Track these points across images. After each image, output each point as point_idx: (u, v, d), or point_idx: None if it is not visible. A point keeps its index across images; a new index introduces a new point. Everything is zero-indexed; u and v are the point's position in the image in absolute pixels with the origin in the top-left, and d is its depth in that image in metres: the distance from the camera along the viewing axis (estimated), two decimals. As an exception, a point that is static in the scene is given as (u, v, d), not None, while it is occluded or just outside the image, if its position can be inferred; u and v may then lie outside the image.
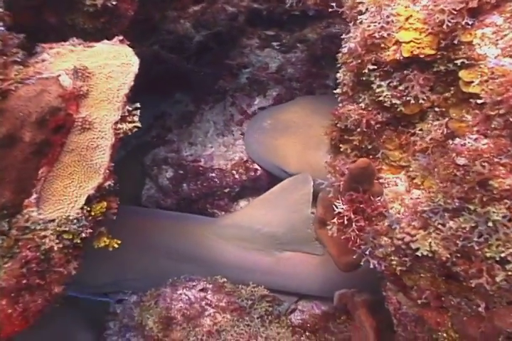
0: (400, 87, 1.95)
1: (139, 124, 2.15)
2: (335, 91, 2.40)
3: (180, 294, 2.73)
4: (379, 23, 1.95)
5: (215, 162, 3.57)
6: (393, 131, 2.09)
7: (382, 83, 1.97)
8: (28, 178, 1.93)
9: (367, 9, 2.05)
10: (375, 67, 1.96)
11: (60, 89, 1.99)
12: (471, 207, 1.70)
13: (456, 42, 1.80)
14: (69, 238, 1.94)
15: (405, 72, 1.93)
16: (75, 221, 1.94)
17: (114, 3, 2.51)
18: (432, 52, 1.86)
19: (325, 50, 3.83)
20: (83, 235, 1.97)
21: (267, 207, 3.12)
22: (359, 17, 2.02)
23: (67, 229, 1.92)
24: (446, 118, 1.95)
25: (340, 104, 2.30)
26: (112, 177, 2.05)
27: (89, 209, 1.98)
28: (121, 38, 2.27)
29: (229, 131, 3.73)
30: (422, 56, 1.86)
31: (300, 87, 3.80)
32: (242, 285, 3.08)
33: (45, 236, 1.91)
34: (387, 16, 1.94)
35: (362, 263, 2.16)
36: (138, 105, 2.17)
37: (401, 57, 1.90)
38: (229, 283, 2.89)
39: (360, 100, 2.11)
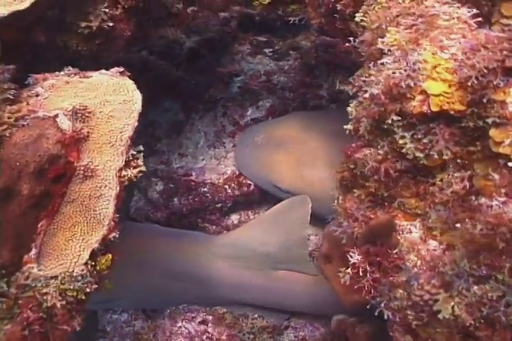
0: (424, 140, 1.80)
1: (143, 168, 1.97)
2: (345, 127, 2.23)
3: (180, 327, 2.60)
4: (405, 71, 1.79)
5: (206, 176, 3.40)
6: (411, 178, 1.96)
7: (406, 134, 1.83)
8: (27, 233, 1.74)
9: (389, 50, 1.89)
10: (400, 118, 1.82)
11: (58, 133, 1.79)
12: (499, 277, 1.60)
13: (487, 99, 1.67)
14: (73, 295, 1.78)
15: (431, 125, 1.78)
16: (80, 278, 1.77)
17: (110, 24, 2.29)
18: (462, 108, 1.71)
19: (319, 58, 3.66)
20: (87, 290, 1.81)
21: (263, 227, 3.00)
22: (383, 60, 1.86)
23: (71, 286, 1.75)
24: (469, 172, 1.82)
25: (353, 144, 2.14)
26: (117, 229, 1.87)
27: (93, 263, 1.80)
28: (121, 69, 2.06)
29: (220, 142, 3.55)
30: (451, 112, 1.73)
31: (293, 98, 3.63)
32: (238, 303, 3.02)
33: (46, 294, 1.74)
34: (414, 63, 1.79)
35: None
36: (141, 148, 1.99)
37: (429, 111, 1.75)
38: (228, 313, 2.77)
39: (379, 147, 1.96)
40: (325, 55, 3.63)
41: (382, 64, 1.91)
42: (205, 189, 3.34)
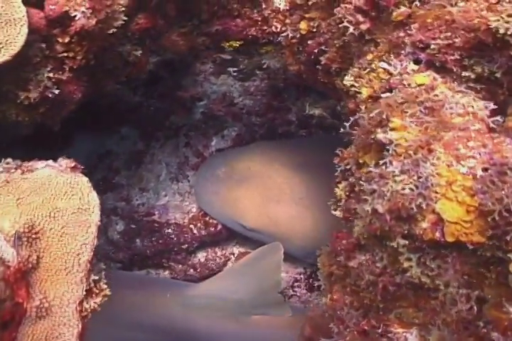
0: (432, 265, 1.49)
1: (108, 292, 1.58)
2: (334, 213, 1.89)
3: None
4: (416, 188, 1.44)
5: (170, 215, 3.01)
6: (410, 289, 1.66)
7: (412, 257, 1.51)
8: None
9: (395, 152, 1.53)
10: (407, 242, 1.49)
11: (0, 268, 1.37)
12: None
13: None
14: None
15: (442, 251, 1.47)
16: None
17: (56, 91, 1.82)
18: (482, 240, 1.40)
19: (287, 80, 3.24)
20: None
21: (235, 277, 2.69)
22: (390, 168, 1.50)
23: None
24: (476, 292, 1.54)
25: (342, 238, 1.81)
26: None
27: None
28: (72, 163, 1.62)
29: (184, 175, 3.14)
30: (468, 244, 1.41)
31: (260, 123, 3.23)
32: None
33: None
34: (427, 179, 1.44)
35: None
36: (103, 266, 1.59)
37: (442, 239, 1.43)
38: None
39: (377, 257, 1.64)
40: (294, 76, 3.22)
41: (385, 166, 1.56)
42: (169, 230, 2.97)
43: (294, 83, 3.28)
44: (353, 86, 1.94)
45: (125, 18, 1.81)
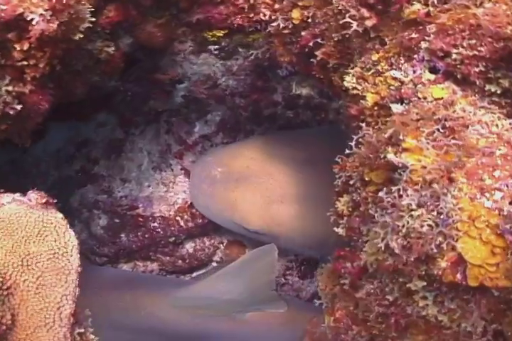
0: (451, 306, 1.31)
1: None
2: (336, 230, 1.69)
3: None
4: (436, 225, 1.24)
5: (155, 208, 2.77)
6: (421, 318, 1.49)
7: (428, 295, 1.32)
8: None
9: (410, 179, 1.31)
10: (424, 283, 1.30)
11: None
12: None
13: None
14: None
15: (465, 297, 1.28)
16: None
17: (17, 107, 1.53)
18: (509, 284, 1.22)
19: (272, 58, 2.93)
20: None
21: (227, 279, 2.49)
22: (404, 200, 1.28)
23: None
24: (494, 325, 1.37)
25: (345, 259, 1.61)
26: None
27: None
28: (43, 199, 1.37)
29: (167, 164, 2.88)
30: (493, 289, 1.22)
31: (245, 105, 2.94)
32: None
33: None
34: (448, 214, 1.24)
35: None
36: (88, 312, 1.38)
37: (463, 282, 1.24)
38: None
39: (387, 289, 1.45)
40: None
41: (399, 194, 1.35)
42: (155, 224, 2.74)
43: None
44: (355, 88, 1.69)
45: (92, 19, 1.49)
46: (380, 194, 1.40)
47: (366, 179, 1.54)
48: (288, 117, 3.05)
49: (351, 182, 1.62)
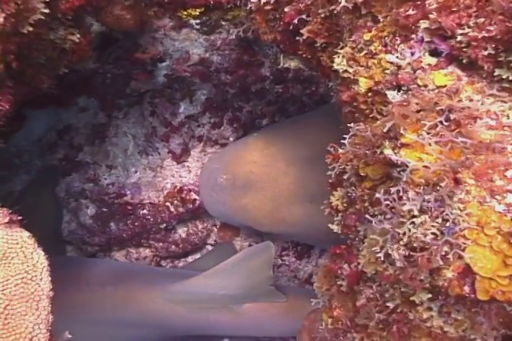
0: (459, 317, 1.16)
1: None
2: (331, 226, 1.53)
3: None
4: (441, 233, 1.07)
5: (143, 194, 2.60)
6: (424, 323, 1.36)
7: (433, 306, 1.18)
8: None
9: (411, 180, 1.14)
10: (430, 296, 1.14)
11: None
12: None
13: None
14: None
15: (473, 309, 1.13)
16: None
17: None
18: (525, 301, 1.06)
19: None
20: None
21: (222, 275, 2.35)
22: (406, 206, 1.11)
23: None
24: (503, 330, 1.24)
25: (342, 260, 1.46)
26: None
27: None
28: (6, 218, 1.19)
29: (153, 148, 2.69)
30: (505, 303, 1.07)
31: (231, 82, 2.72)
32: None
33: None
34: (454, 222, 1.07)
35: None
36: (68, 335, 1.24)
37: (472, 295, 1.09)
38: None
39: (387, 295, 1.29)
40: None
41: (398, 197, 1.17)
42: (145, 211, 2.58)
43: (266, 33, 2.74)
44: (346, 71, 1.48)
45: (46, 11, 1.27)
46: (378, 195, 1.23)
47: (362, 174, 1.37)
48: (277, 92, 2.84)
49: (345, 176, 1.45)
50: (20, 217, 1.24)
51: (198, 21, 2.65)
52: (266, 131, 2.63)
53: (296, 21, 1.63)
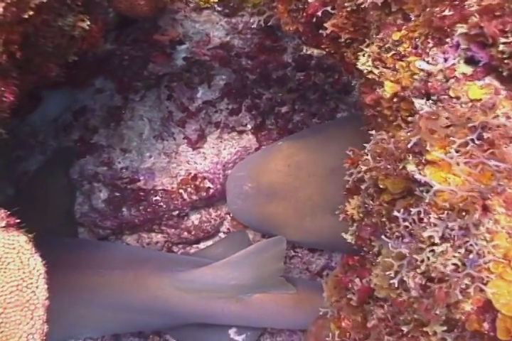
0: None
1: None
2: (344, 236, 1.43)
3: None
4: (463, 265, 0.96)
5: (157, 180, 2.52)
6: None
7: (447, 337, 1.07)
8: None
9: (434, 202, 1.02)
10: (444, 328, 1.03)
11: None
12: None
13: None
14: None
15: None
16: None
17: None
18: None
19: (280, 15, 2.52)
20: None
21: (233, 266, 2.28)
22: (425, 232, 0.99)
23: None
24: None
25: (354, 275, 1.36)
26: None
27: None
28: (3, 222, 1.12)
29: (169, 133, 2.58)
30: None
31: (252, 67, 2.58)
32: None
33: None
34: (479, 253, 0.95)
35: None
36: None
37: (491, 333, 0.97)
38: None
39: (401, 318, 1.20)
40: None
41: (419, 218, 1.06)
42: (157, 197, 2.50)
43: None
44: (371, 72, 1.35)
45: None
46: (397, 213, 1.12)
47: (381, 186, 1.26)
48: (298, 79, 2.70)
49: (363, 186, 1.34)
50: (18, 220, 1.15)
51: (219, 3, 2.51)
52: (291, 140, 2.55)
53: (320, 14, 1.49)
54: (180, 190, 2.52)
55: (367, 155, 1.33)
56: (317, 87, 2.74)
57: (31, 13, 1.18)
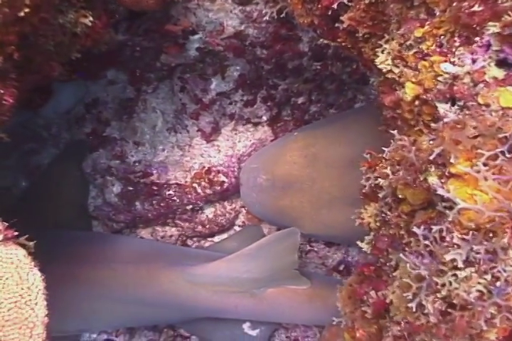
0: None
1: None
2: (359, 244, 1.33)
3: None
4: (489, 293, 0.87)
5: (170, 174, 2.44)
6: None
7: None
8: None
9: (458, 221, 0.92)
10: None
11: None
12: None
13: None
14: None
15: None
16: None
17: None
18: None
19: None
20: None
21: (246, 259, 2.22)
22: (447, 255, 0.90)
23: None
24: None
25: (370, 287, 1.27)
26: None
27: None
28: (0, 236, 1.05)
29: (182, 125, 2.49)
30: None
31: (267, 57, 2.45)
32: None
33: None
34: (507, 280, 0.86)
35: None
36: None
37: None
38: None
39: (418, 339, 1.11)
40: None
41: (441, 237, 0.96)
42: (171, 191, 2.43)
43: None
44: (390, 71, 1.23)
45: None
46: (416, 230, 1.02)
47: (400, 196, 1.16)
48: (315, 69, 2.57)
49: (381, 194, 1.24)
50: (16, 233, 1.09)
51: (233, -10, 2.37)
52: (306, 130, 2.43)
53: (335, 6, 1.37)
54: (194, 184, 2.44)
55: (385, 160, 1.23)
56: (334, 77, 2.60)
57: (27, 10, 1.10)
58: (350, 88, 2.65)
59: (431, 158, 0.98)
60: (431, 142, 1.04)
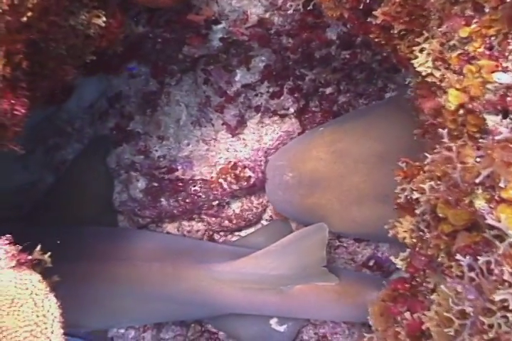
0: None
1: None
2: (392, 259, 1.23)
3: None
4: None
5: (195, 170, 2.35)
6: None
7: None
8: None
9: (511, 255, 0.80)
10: None
11: None
12: None
13: None
14: None
15: None
16: None
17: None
18: None
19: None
20: None
21: (274, 256, 2.15)
22: (497, 296, 0.78)
23: None
24: None
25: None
26: None
27: None
28: (12, 262, 0.99)
29: (206, 118, 2.39)
30: None
31: (293, 47, 2.31)
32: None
33: None
34: None
35: None
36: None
37: None
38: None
39: None
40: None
41: (490, 268, 0.85)
42: (196, 187, 2.35)
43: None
44: (431, 75, 1.10)
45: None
46: (460, 258, 0.91)
47: (440, 215, 1.04)
48: (344, 58, 2.41)
49: (418, 210, 1.12)
50: (30, 257, 1.02)
51: (257, -24, 2.22)
52: (332, 125, 2.30)
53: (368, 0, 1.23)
54: (220, 180, 2.35)
55: (424, 172, 1.11)
56: (364, 66, 2.44)
57: (30, 14, 1.00)
58: (380, 77, 2.49)
59: (477, 181, 0.86)
60: (477, 159, 0.91)
